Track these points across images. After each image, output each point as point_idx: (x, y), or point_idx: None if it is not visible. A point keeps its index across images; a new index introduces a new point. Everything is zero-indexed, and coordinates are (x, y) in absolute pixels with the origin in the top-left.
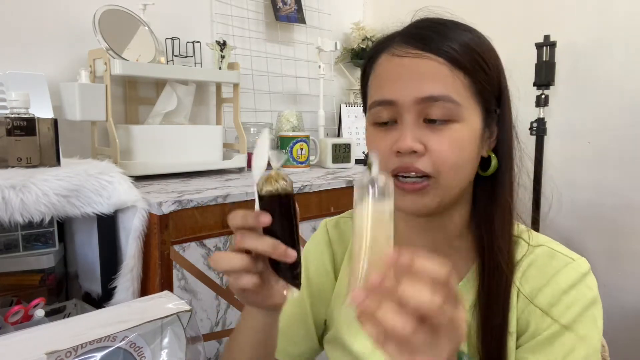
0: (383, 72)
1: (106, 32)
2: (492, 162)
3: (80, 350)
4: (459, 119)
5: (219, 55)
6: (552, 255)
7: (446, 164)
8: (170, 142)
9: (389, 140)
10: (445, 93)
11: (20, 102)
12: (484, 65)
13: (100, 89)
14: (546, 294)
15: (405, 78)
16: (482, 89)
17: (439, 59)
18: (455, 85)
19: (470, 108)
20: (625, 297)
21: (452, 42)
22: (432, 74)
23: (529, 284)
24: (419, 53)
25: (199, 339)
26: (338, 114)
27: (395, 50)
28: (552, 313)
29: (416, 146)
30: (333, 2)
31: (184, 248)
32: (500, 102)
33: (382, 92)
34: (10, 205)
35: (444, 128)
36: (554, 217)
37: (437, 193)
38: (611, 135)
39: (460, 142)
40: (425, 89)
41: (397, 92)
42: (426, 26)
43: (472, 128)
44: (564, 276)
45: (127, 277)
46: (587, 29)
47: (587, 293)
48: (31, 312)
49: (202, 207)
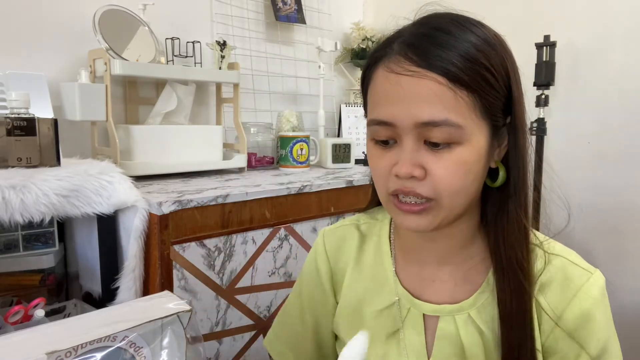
0: (380, 90)
1: (106, 32)
2: (500, 173)
3: (80, 350)
4: (462, 141)
5: (219, 55)
6: (571, 269)
7: (448, 189)
8: (170, 142)
9: (388, 160)
10: (445, 117)
11: (20, 102)
12: (488, 76)
13: (100, 89)
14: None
15: (404, 99)
16: (487, 103)
17: (438, 77)
18: (457, 107)
19: (475, 127)
20: (625, 297)
21: (453, 55)
22: (431, 97)
23: (549, 300)
24: (417, 71)
25: (199, 339)
26: (338, 114)
27: (392, 64)
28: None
29: (415, 172)
30: (333, 2)
31: (184, 248)
32: (510, 109)
33: (380, 112)
34: (10, 205)
35: (446, 151)
36: (554, 217)
37: (439, 214)
38: (611, 135)
39: (463, 166)
40: (425, 114)
41: (395, 115)
42: (427, 33)
43: (477, 147)
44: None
45: (129, 277)
46: (587, 29)
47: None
48: (31, 312)
49: (202, 207)
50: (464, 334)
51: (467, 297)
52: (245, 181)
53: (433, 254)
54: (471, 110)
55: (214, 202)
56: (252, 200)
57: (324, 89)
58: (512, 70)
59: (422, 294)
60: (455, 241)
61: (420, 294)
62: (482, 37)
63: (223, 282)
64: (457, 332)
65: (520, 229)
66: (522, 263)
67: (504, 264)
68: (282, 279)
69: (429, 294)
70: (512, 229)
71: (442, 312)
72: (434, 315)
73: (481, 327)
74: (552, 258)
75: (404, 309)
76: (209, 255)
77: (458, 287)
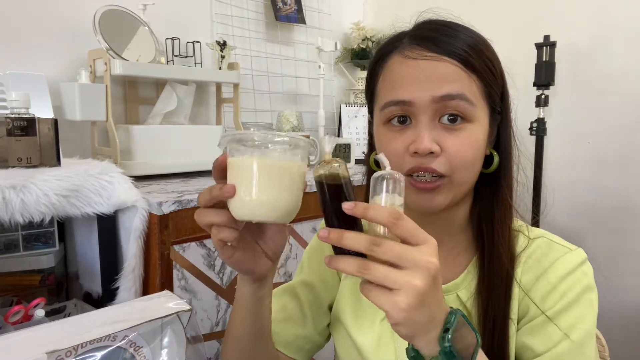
0: (397, 73)
1: (106, 32)
2: (495, 159)
3: (80, 350)
4: (472, 119)
5: (219, 55)
6: (550, 245)
7: (462, 164)
8: (170, 142)
9: (404, 140)
10: (462, 91)
11: (20, 102)
12: (491, 66)
13: (100, 89)
14: (544, 281)
15: (422, 79)
16: (490, 90)
17: (453, 61)
18: (470, 87)
19: (482, 109)
20: (625, 296)
21: (462, 44)
22: (449, 75)
23: (528, 273)
24: (433, 55)
25: (199, 339)
26: (338, 114)
27: (407, 52)
28: (550, 298)
29: (434, 147)
30: (333, 2)
31: (184, 248)
32: (502, 102)
33: (397, 92)
34: (11, 205)
35: (459, 128)
36: (554, 216)
37: (450, 191)
38: (611, 135)
39: (475, 142)
40: (444, 88)
41: (414, 93)
42: (434, 28)
43: (484, 127)
44: (561, 265)
45: (129, 277)
46: (587, 29)
47: (583, 279)
48: (31, 312)
49: None
50: None
51: (454, 278)
52: None
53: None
54: (479, 92)
55: None
56: None
57: (324, 89)
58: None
59: None
60: (451, 226)
61: None
62: (480, 37)
63: (223, 282)
64: None
65: (507, 208)
66: (505, 240)
67: (489, 241)
68: (282, 278)
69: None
70: (501, 209)
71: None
72: None
73: (467, 306)
74: (534, 240)
75: None
76: (209, 255)
77: (446, 270)
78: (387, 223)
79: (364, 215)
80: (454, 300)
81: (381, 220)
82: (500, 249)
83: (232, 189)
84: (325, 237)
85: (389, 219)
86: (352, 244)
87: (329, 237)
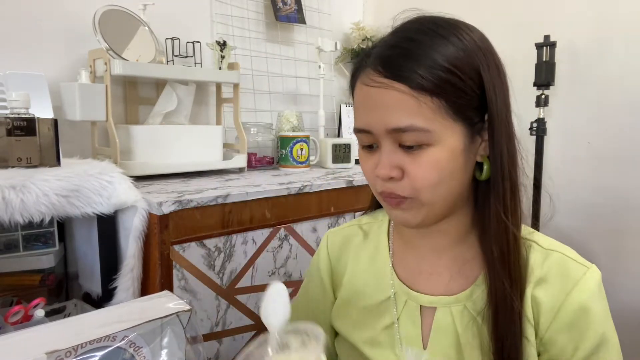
0: (358, 101)
1: (106, 32)
2: (485, 167)
3: (80, 350)
4: (431, 142)
5: (219, 55)
6: (566, 263)
7: (424, 186)
8: (170, 142)
9: (373, 162)
10: (410, 123)
11: (20, 102)
12: (455, 80)
13: (100, 89)
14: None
15: (374, 109)
16: (456, 105)
17: (402, 87)
18: (421, 112)
19: (444, 128)
20: (626, 297)
21: (416, 64)
22: (395, 106)
23: (549, 293)
24: (384, 82)
25: (199, 339)
26: (338, 114)
27: (364, 77)
28: (577, 329)
29: (393, 173)
30: (333, 2)
31: (184, 248)
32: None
33: (359, 121)
34: (10, 205)
35: (419, 152)
36: (554, 217)
37: (420, 210)
38: (611, 135)
39: (437, 164)
40: (392, 121)
41: (371, 123)
42: (394, 45)
43: (451, 147)
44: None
45: (127, 277)
46: (587, 29)
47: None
48: (31, 312)
49: (202, 207)
50: (459, 325)
51: (463, 289)
52: (245, 181)
53: (429, 249)
54: (437, 114)
55: (214, 202)
56: (252, 201)
57: (324, 89)
58: (486, 70)
59: (418, 286)
60: (450, 237)
61: (417, 286)
62: (453, 42)
63: (223, 282)
64: (454, 323)
65: (500, 222)
66: (504, 256)
67: (489, 257)
68: (282, 279)
69: (425, 287)
70: (492, 222)
71: (439, 304)
72: (431, 307)
73: (477, 319)
74: (549, 253)
75: (400, 301)
76: (209, 255)
77: (454, 281)
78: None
79: None
80: (462, 311)
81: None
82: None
83: None
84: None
85: None
86: None
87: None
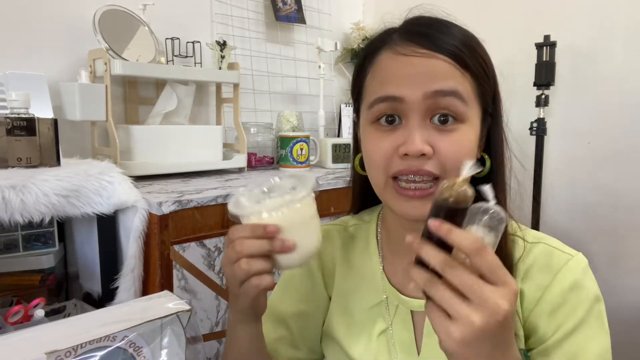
0: (388, 70)
1: (106, 32)
2: (487, 163)
3: (80, 350)
4: (464, 119)
5: (219, 55)
6: (551, 253)
7: (454, 166)
8: (170, 142)
9: (393, 141)
10: (455, 87)
11: (20, 102)
12: (484, 66)
13: (100, 89)
14: (552, 294)
15: (414, 76)
16: (483, 90)
17: (446, 58)
18: (464, 84)
19: (474, 108)
20: (625, 297)
21: (456, 41)
22: (442, 72)
23: (532, 284)
24: (426, 52)
25: (199, 339)
26: (338, 114)
27: (399, 48)
28: (559, 314)
29: (425, 148)
30: (333, 2)
31: (184, 248)
32: (494, 103)
33: (387, 88)
34: (10, 205)
35: (451, 129)
36: (554, 217)
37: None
38: (611, 135)
39: (468, 143)
40: (435, 85)
41: (405, 89)
42: (427, 24)
43: (475, 129)
44: (565, 275)
45: (128, 277)
46: (587, 29)
47: (590, 289)
48: (31, 312)
49: (202, 207)
50: None
51: None
52: (245, 181)
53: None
54: (472, 92)
55: (214, 202)
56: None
57: (324, 89)
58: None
59: (409, 290)
60: None
61: (408, 291)
62: (473, 35)
63: (223, 282)
64: None
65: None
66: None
67: None
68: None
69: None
70: None
71: None
72: (422, 311)
73: None
74: (533, 246)
75: (392, 306)
76: (209, 255)
77: None
78: (468, 250)
79: (446, 235)
80: None
81: (463, 245)
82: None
83: (293, 244)
84: (436, 227)
85: (471, 247)
86: (428, 255)
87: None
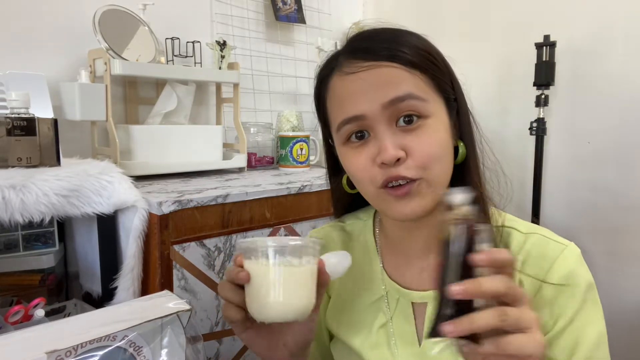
0: (341, 91)
1: (106, 32)
2: (460, 150)
3: (80, 350)
4: (428, 114)
5: (219, 55)
6: (546, 243)
7: (431, 161)
8: (170, 142)
9: (367, 154)
10: (408, 91)
11: (20, 102)
12: (431, 58)
13: (100, 89)
14: (548, 287)
15: (367, 90)
16: (438, 81)
17: (393, 64)
18: (416, 84)
19: (435, 102)
20: (625, 297)
21: (396, 45)
22: (392, 78)
23: (530, 274)
24: (371, 64)
25: (199, 339)
26: None
27: (345, 68)
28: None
29: (399, 153)
30: (333, 2)
31: (184, 248)
32: (454, 88)
33: (347, 109)
34: (10, 205)
35: (418, 127)
36: (554, 216)
37: (427, 193)
38: (611, 135)
39: (437, 136)
40: (390, 93)
41: (362, 105)
42: (367, 37)
43: (442, 120)
44: (560, 265)
45: (127, 277)
46: (587, 29)
47: (584, 277)
48: (31, 312)
49: (202, 207)
50: None
51: None
52: (245, 181)
53: (418, 244)
54: (428, 87)
55: (214, 202)
56: (252, 200)
57: None
58: (447, 61)
59: (409, 284)
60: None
61: (408, 284)
62: (417, 35)
63: None
64: None
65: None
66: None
67: None
68: None
69: (416, 283)
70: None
71: (430, 299)
72: (423, 303)
73: None
74: (527, 236)
75: (392, 300)
76: (209, 255)
77: None
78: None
79: (482, 293)
80: None
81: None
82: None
83: (247, 275)
84: (454, 332)
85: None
86: (480, 326)
87: (459, 330)
